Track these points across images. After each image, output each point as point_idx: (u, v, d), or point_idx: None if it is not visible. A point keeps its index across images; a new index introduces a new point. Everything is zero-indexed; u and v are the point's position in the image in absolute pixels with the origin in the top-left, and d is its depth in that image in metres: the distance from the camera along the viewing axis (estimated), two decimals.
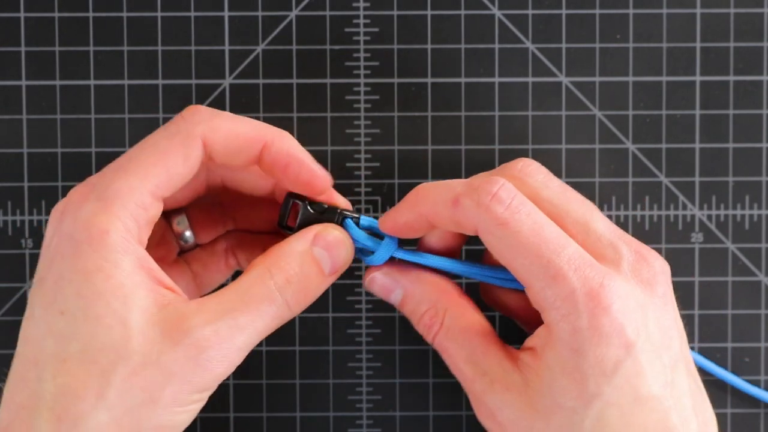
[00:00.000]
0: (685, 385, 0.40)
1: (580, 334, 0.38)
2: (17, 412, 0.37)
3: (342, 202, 0.43)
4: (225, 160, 0.40)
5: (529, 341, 0.40)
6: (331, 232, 0.41)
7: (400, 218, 0.42)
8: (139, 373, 0.37)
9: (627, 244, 0.40)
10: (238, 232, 0.46)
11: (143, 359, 0.37)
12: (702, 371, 0.46)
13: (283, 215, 0.42)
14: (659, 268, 0.40)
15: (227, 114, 0.41)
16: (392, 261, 0.43)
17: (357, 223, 0.42)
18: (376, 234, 0.43)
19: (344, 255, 0.41)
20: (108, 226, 0.38)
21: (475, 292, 0.44)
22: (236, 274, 0.46)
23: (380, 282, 0.43)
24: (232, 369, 0.38)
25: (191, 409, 0.38)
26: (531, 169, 0.41)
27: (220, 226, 0.45)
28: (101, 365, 0.36)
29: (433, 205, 0.40)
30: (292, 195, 0.42)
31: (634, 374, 0.38)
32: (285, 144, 0.41)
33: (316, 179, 0.41)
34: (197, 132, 0.40)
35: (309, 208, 0.42)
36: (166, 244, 0.44)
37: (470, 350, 0.41)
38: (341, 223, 0.42)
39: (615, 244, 0.40)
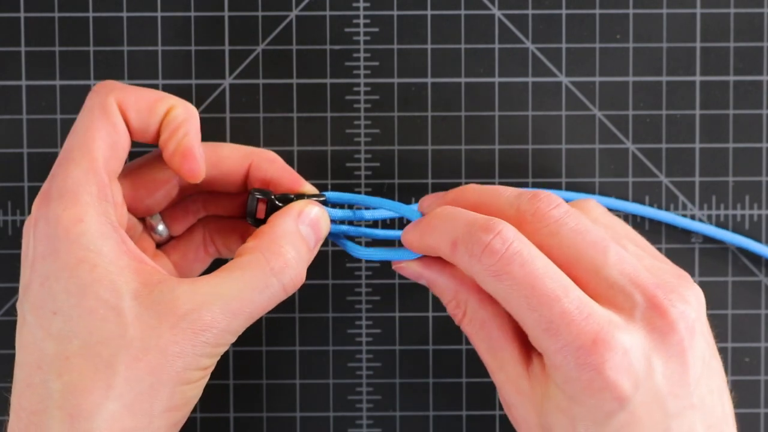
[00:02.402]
0: (696, 428, 0.38)
1: (572, 384, 0.37)
2: (29, 418, 0.37)
3: (308, 188, 0.44)
4: (140, 125, 0.41)
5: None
6: (312, 208, 0.42)
7: (421, 240, 0.42)
8: (141, 358, 0.37)
9: (641, 289, 0.38)
10: (214, 219, 0.46)
11: (143, 344, 0.37)
12: None
13: (252, 211, 0.42)
14: (677, 314, 0.38)
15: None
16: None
17: (325, 204, 0.43)
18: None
19: (325, 229, 0.42)
20: (82, 215, 0.38)
21: None
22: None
23: (407, 272, 0.43)
24: (230, 344, 0.39)
25: (199, 384, 0.39)
26: (546, 209, 0.39)
27: (192, 215, 0.45)
28: (104, 357, 0.37)
29: (442, 236, 0.40)
30: (256, 191, 0.42)
31: (627, 423, 0.37)
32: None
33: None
34: (111, 99, 0.40)
35: (276, 201, 0.42)
36: (143, 240, 0.45)
37: (489, 343, 0.41)
38: None
39: (627, 291, 0.38)
